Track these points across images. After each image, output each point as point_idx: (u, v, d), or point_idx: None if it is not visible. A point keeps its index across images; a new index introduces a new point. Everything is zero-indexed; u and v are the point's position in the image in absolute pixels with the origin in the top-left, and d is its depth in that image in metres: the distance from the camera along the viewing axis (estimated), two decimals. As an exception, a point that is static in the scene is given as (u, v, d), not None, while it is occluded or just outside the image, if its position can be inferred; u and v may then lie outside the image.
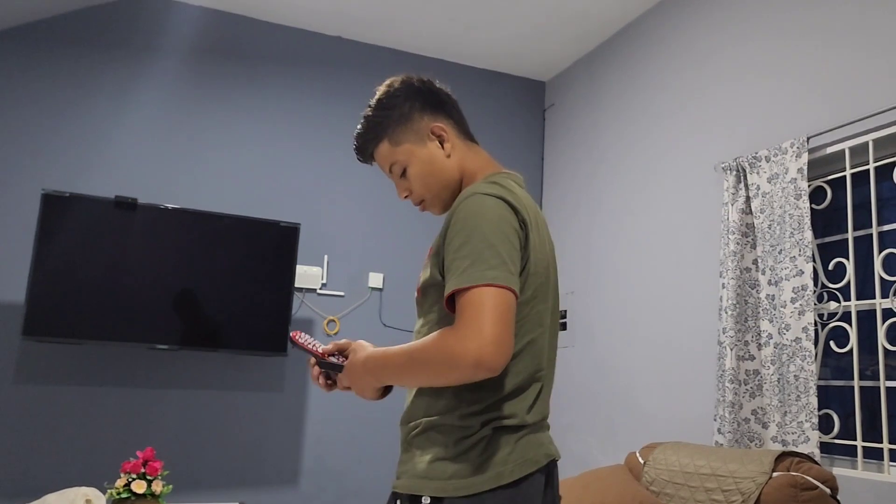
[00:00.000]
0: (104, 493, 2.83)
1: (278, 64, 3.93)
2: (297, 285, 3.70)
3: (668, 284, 3.20)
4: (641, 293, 3.36)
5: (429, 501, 1.18)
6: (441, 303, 1.24)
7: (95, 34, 3.61)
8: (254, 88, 3.87)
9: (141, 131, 3.63)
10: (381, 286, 3.94)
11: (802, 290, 2.48)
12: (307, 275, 3.77)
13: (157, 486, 2.82)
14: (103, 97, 3.59)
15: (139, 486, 2.79)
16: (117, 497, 2.78)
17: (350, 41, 4.09)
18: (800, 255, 2.51)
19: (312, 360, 1.39)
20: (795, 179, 2.57)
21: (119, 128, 3.59)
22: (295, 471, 3.65)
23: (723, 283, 2.76)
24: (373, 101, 1.44)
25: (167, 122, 3.68)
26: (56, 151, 3.48)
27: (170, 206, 3.41)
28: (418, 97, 1.40)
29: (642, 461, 2.59)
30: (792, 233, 2.54)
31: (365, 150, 1.44)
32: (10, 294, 3.31)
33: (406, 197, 1.44)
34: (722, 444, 2.61)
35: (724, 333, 2.70)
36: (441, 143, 1.38)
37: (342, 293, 3.87)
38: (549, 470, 1.27)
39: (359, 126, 1.45)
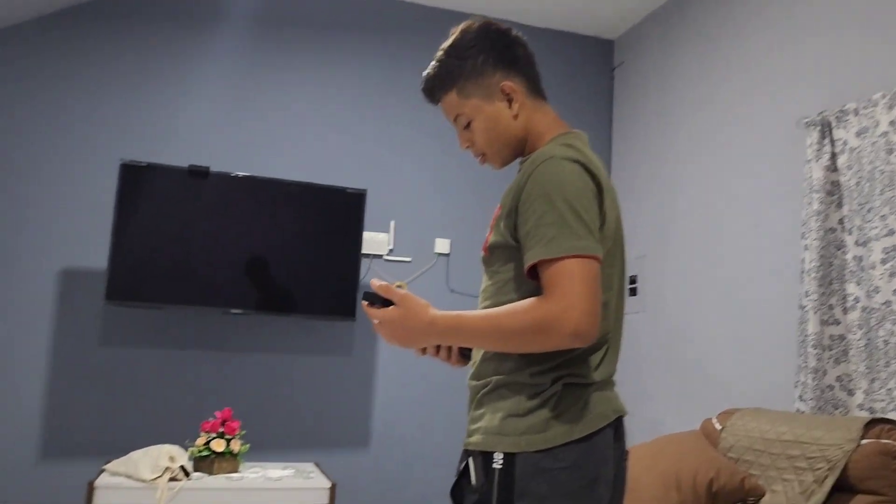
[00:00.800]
0: (186, 451, 2.94)
1: (342, 30, 3.92)
2: (364, 251, 3.73)
3: (746, 247, 3.08)
4: (717, 256, 3.25)
5: (501, 457, 1.20)
6: (512, 264, 1.26)
7: (165, 6, 3.67)
8: (319, 55, 3.87)
9: (211, 101, 3.68)
10: (447, 252, 3.93)
11: (894, 250, 2.34)
12: (374, 241, 3.79)
13: (236, 445, 2.92)
14: (175, 68, 3.65)
15: (218, 445, 2.89)
16: (198, 455, 2.89)
17: (413, 4, 4.04)
18: (891, 213, 2.37)
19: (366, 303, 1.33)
20: (887, 133, 2.42)
21: (190, 98, 3.66)
22: (365, 434, 3.72)
23: (805, 245, 2.64)
24: (446, 45, 1.41)
25: (235, 91, 3.73)
26: (132, 122, 3.57)
27: (240, 173, 3.46)
28: (493, 50, 1.36)
29: (719, 427, 2.53)
30: (882, 190, 2.40)
31: (433, 95, 1.43)
32: (94, 261, 3.44)
33: (467, 147, 1.44)
34: (804, 412, 2.52)
35: (806, 297, 2.59)
36: (510, 102, 1.35)
37: (409, 259, 3.88)
38: (618, 425, 1.30)
39: (430, 68, 1.43)
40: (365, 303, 1.31)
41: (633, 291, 3.84)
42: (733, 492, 2.26)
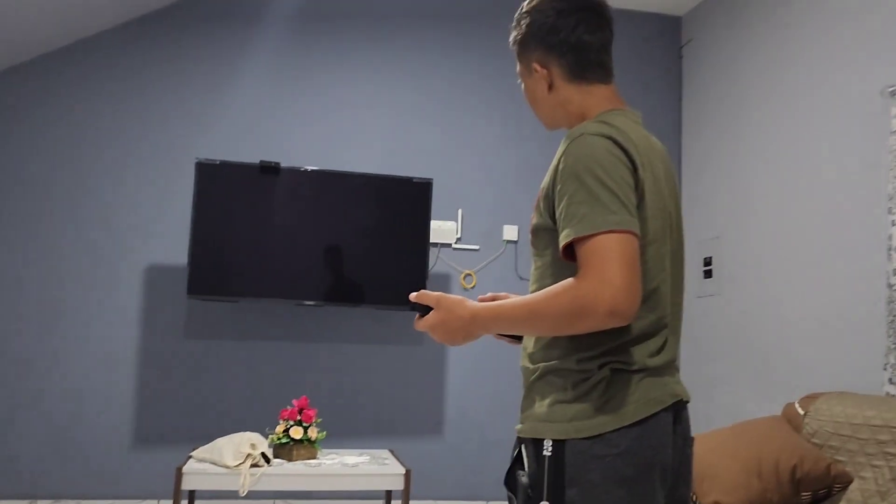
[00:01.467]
0: (266, 438, 3.04)
1: (404, 21, 3.94)
2: (432, 240, 3.75)
3: (828, 224, 2.95)
4: (796, 234, 3.13)
5: (551, 444, 1.18)
6: (553, 246, 1.25)
7: (231, 8, 3.77)
8: (382, 47, 3.90)
9: (278, 98, 3.77)
10: (515, 238, 3.91)
11: None
12: (441, 230, 3.81)
13: (313, 433, 2.99)
14: (241, 69, 3.76)
15: (297, 433, 2.97)
16: (277, 442, 2.98)
17: (475, -9, 4.03)
18: None
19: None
20: (982, 99, 2.28)
21: (258, 96, 3.76)
22: (439, 421, 3.76)
23: (892, 220, 2.51)
24: (523, 6, 1.43)
25: (302, 88, 3.80)
26: (206, 122, 3.70)
27: (309, 168, 3.53)
28: (537, 28, 1.36)
29: (802, 412, 2.44)
30: (977, 160, 2.26)
31: (511, 44, 1.47)
32: (175, 257, 3.59)
33: None
34: (894, 395, 2.40)
35: (894, 275, 2.47)
36: (545, 80, 1.36)
37: (477, 247, 3.88)
38: (677, 410, 1.25)
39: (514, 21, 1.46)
40: (417, 315, 1.35)
41: (708, 273, 3.74)
42: (819, 479, 2.18)
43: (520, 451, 1.26)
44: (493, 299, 1.46)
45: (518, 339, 1.46)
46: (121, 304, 3.53)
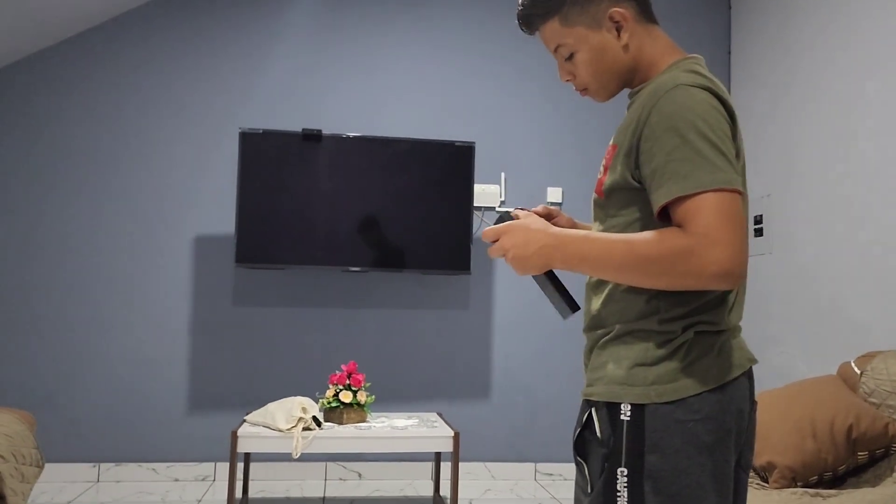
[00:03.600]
0: (316, 402, 3.10)
1: (443, -18, 3.87)
2: (475, 204, 3.73)
3: (883, 177, 2.84)
4: (850, 192, 3.02)
5: (629, 409, 1.12)
6: (634, 207, 1.16)
7: (271, -26, 3.76)
8: (421, 7, 3.85)
9: (318, 65, 3.76)
10: (560, 201, 3.87)
11: None
12: (485, 193, 3.79)
13: (362, 397, 3.04)
14: (280, 37, 3.75)
15: (346, 397, 3.02)
16: (328, 406, 3.04)
17: (514, -52, 3.94)
18: None
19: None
20: None
21: (298, 63, 3.75)
22: (486, 384, 3.78)
23: (956, 173, 2.40)
24: None
25: (339, 54, 3.79)
26: (248, 92, 3.72)
27: (351, 134, 3.53)
28: None
29: (858, 371, 2.38)
30: None
31: (531, 22, 1.27)
32: (223, 227, 3.65)
33: (567, 80, 1.31)
34: (956, 353, 2.33)
35: (958, 229, 2.37)
36: (618, 31, 1.22)
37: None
38: (750, 375, 1.19)
39: None
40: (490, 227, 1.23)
41: (759, 232, 3.65)
42: (876, 438, 2.14)
43: (590, 416, 1.18)
44: (548, 214, 1.36)
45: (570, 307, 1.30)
46: (171, 273, 3.61)
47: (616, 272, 1.11)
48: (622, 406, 1.13)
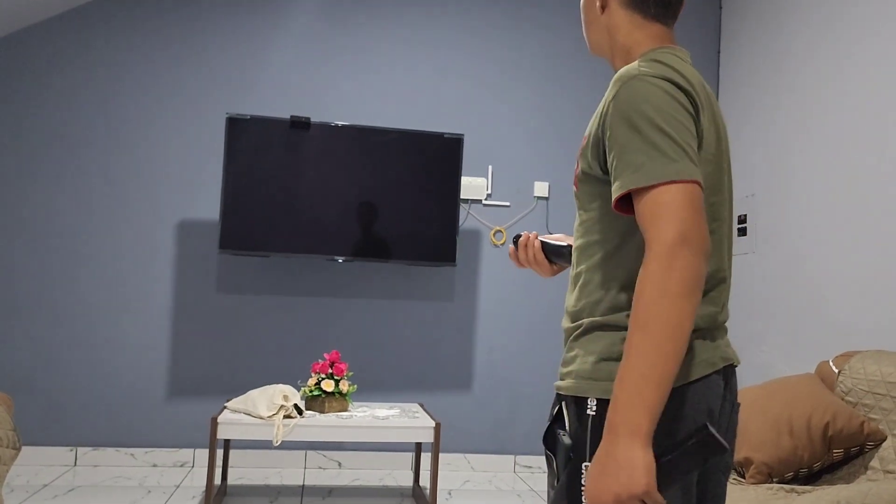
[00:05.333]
0: (298, 390, 3.09)
1: (435, -28, 3.86)
2: (462, 196, 3.74)
3: (866, 182, 2.88)
4: (833, 192, 3.06)
5: (595, 403, 1.11)
6: (601, 199, 1.16)
7: (262, -41, 3.73)
8: (412, 2, 3.84)
9: (308, 53, 3.74)
10: (546, 195, 3.88)
11: None
12: (472, 186, 3.79)
13: (344, 386, 3.04)
14: (270, 23, 3.73)
15: (328, 385, 3.02)
16: (310, 394, 3.03)
17: (507, -59, 3.93)
18: None
19: (512, 246, 1.48)
20: None
21: (288, 51, 3.73)
22: (468, 376, 3.79)
23: (938, 177, 2.43)
24: None
25: (331, 42, 3.77)
26: (236, 77, 3.69)
27: (340, 123, 3.52)
28: None
29: (836, 370, 2.41)
30: None
31: None
32: (207, 212, 3.62)
33: None
34: (932, 354, 2.36)
35: (937, 233, 2.40)
36: (600, 3, 1.27)
37: (507, 203, 3.86)
38: (727, 375, 1.17)
39: None
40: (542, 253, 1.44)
41: (743, 231, 3.68)
42: (851, 436, 2.17)
43: (560, 409, 1.18)
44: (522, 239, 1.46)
45: (551, 265, 1.45)
46: (154, 258, 3.59)
47: (659, 351, 1.00)
48: (588, 401, 1.12)
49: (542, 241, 1.44)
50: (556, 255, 1.41)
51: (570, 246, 1.37)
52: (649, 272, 1.01)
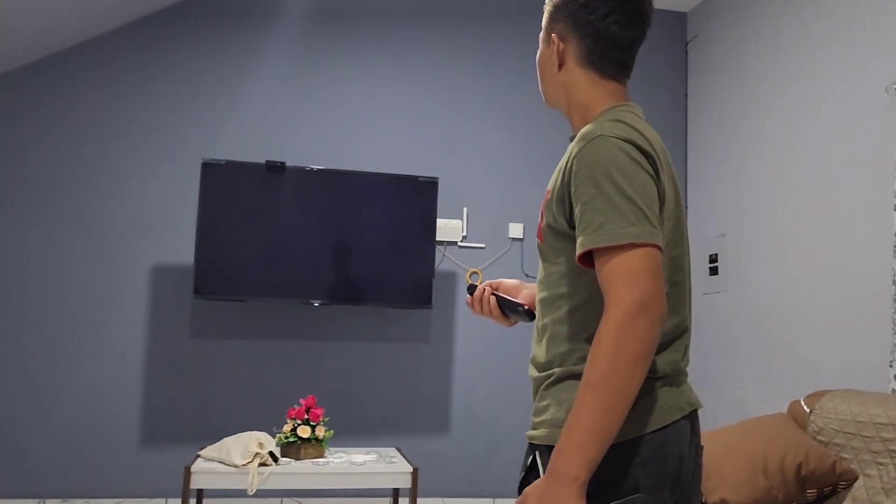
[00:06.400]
0: (273, 437, 3.05)
1: (407, 19, 3.94)
2: (438, 238, 3.76)
3: (833, 221, 2.95)
4: (801, 233, 3.13)
5: None
6: (567, 254, 1.19)
7: (232, 7, 3.78)
8: (385, 46, 3.91)
9: (283, 96, 3.78)
10: (521, 236, 3.92)
11: None
12: (447, 228, 3.82)
13: (320, 432, 3.01)
14: (244, 68, 3.76)
15: (304, 431, 2.98)
16: (285, 441, 2.99)
17: (479, -11, 4.03)
18: None
19: (469, 297, 1.48)
20: None
21: (263, 95, 3.76)
22: (445, 419, 3.77)
23: (898, 218, 2.51)
24: None
25: (305, 86, 3.81)
26: (211, 122, 3.71)
27: (315, 167, 3.54)
28: (574, 0, 1.28)
29: (808, 410, 2.45)
30: (983, 157, 2.26)
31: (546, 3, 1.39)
32: (181, 257, 3.61)
33: None
34: (899, 392, 2.40)
35: (900, 272, 2.47)
36: (558, 55, 1.30)
37: (483, 245, 3.89)
38: (692, 419, 1.20)
39: None
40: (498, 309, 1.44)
41: (714, 271, 3.74)
42: (824, 476, 2.19)
43: (534, 459, 1.19)
44: (496, 286, 1.46)
45: (507, 318, 1.45)
46: (127, 303, 3.55)
47: (607, 410, 1.04)
48: None
49: (497, 297, 1.43)
50: (511, 311, 1.41)
51: (524, 305, 1.38)
52: (607, 334, 1.04)
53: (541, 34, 1.36)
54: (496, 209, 3.93)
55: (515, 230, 3.91)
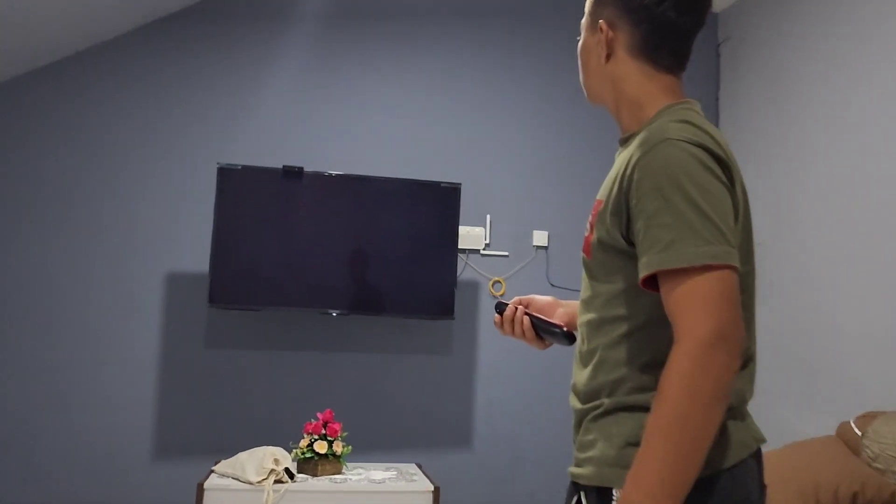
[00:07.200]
0: (290, 452, 2.94)
1: (431, 21, 3.82)
2: (460, 246, 3.63)
3: (880, 230, 2.79)
4: (845, 241, 2.97)
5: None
6: (624, 273, 1.05)
7: (252, 9, 3.68)
8: (406, 47, 3.79)
9: (301, 100, 3.67)
10: (545, 244, 3.78)
11: None
12: (470, 235, 3.69)
13: (338, 447, 2.90)
14: (262, 71, 3.66)
15: (321, 447, 2.87)
16: (302, 457, 2.88)
17: (503, -11, 3.91)
18: None
19: (498, 316, 1.35)
20: None
21: (280, 99, 3.66)
22: (467, 434, 3.63)
23: (957, 227, 2.35)
24: None
25: (324, 90, 3.70)
26: (227, 126, 3.61)
27: (334, 172, 3.43)
28: None
29: (859, 433, 2.28)
30: None
31: None
32: (196, 264, 3.50)
33: None
34: (960, 415, 2.24)
35: (959, 286, 2.30)
36: (606, 44, 1.17)
37: (506, 253, 3.76)
38: (758, 456, 1.08)
39: None
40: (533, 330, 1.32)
41: (749, 282, 3.58)
42: (881, 506, 2.03)
43: (578, 501, 1.07)
44: (527, 303, 1.32)
45: (542, 341, 1.30)
46: (141, 312, 3.45)
47: (683, 458, 0.91)
48: (615, 492, 1.00)
49: (531, 317, 1.28)
50: (547, 334, 1.27)
51: (562, 327, 1.23)
52: (680, 370, 0.90)
53: (584, 20, 1.23)
54: (520, 216, 3.79)
55: (540, 238, 3.78)
